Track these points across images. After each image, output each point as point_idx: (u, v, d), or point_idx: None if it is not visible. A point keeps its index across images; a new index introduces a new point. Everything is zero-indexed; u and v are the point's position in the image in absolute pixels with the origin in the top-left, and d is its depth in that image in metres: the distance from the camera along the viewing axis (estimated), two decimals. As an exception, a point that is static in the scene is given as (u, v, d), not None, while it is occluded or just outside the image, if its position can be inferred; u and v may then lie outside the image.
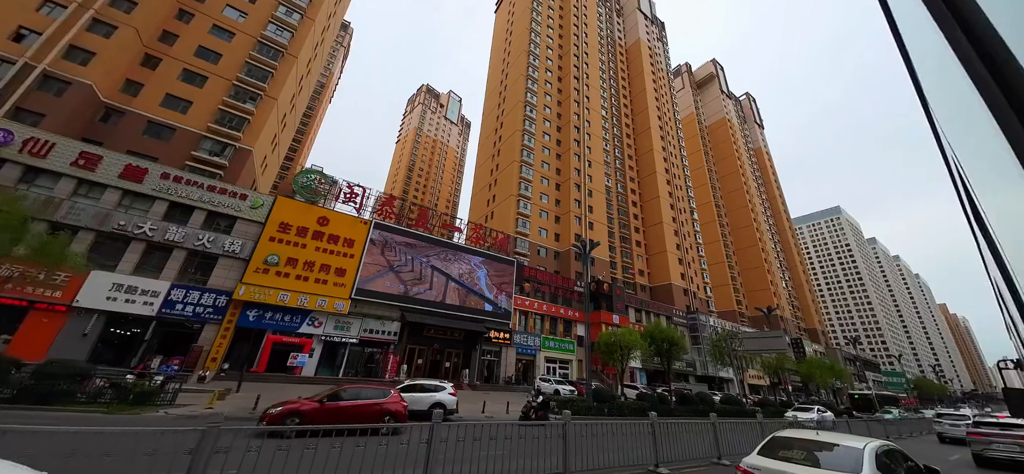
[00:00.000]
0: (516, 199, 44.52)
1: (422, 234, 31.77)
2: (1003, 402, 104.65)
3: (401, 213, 32.24)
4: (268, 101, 31.67)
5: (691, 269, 61.39)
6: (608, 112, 68.34)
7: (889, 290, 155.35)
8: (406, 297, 28.91)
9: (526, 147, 48.02)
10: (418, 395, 14.68)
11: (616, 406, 20.07)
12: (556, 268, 44.75)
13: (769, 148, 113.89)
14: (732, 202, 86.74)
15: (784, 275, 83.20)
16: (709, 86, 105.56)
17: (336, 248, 27.43)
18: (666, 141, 72.06)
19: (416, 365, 29.06)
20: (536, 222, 45.21)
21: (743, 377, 55.04)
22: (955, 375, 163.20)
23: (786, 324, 70.70)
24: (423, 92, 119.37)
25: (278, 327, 24.62)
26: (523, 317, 36.77)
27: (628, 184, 64.70)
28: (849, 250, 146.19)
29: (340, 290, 26.66)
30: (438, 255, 32.00)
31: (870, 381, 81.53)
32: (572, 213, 47.81)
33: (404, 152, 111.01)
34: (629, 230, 60.18)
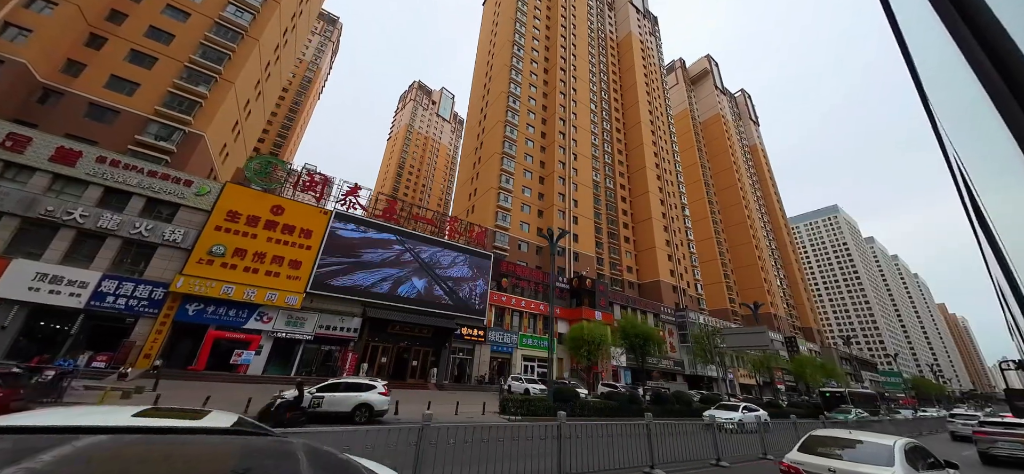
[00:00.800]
0: (496, 192, 42.80)
1: (388, 225, 30.03)
2: (1003, 402, 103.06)
3: (368, 204, 30.49)
4: (224, 85, 29.92)
5: (681, 266, 59.70)
6: (598, 106, 66.74)
7: (887, 289, 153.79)
8: (368, 292, 27.15)
9: (508, 139, 46.34)
10: (339, 395, 12.92)
11: (578, 406, 18.33)
12: (538, 263, 43.03)
13: (765, 145, 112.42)
14: (726, 199, 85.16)
15: (779, 273, 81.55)
16: (703, 82, 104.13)
17: (291, 239, 25.68)
18: (657, 136, 70.46)
19: (379, 364, 27.29)
20: (517, 216, 43.50)
21: (734, 376, 53.39)
22: (954, 375, 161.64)
23: (780, 323, 69.03)
24: (415, 89, 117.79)
25: (222, 322, 22.84)
26: (499, 313, 35.04)
27: (618, 179, 63.05)
28: (846, 249, 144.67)
29: (294, 283, 24.90)
30: (407, 248, 30.26)
31: (866, 380, 79.82)
32: (556, 207, 46.11)
33: (395, 149, 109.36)
34: (618, 226, 58.50)
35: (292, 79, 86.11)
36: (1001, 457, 12.41)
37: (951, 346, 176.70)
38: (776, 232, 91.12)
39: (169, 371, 20.85)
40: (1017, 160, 0.83)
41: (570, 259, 44.42)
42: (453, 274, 31.94)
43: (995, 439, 12.64)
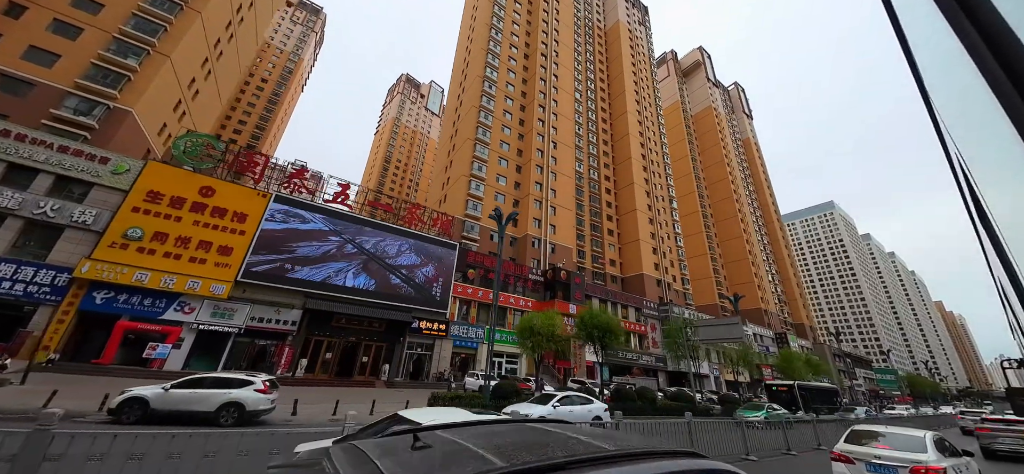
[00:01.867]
0: (468, 179, 40.62)
1: (336, 209, 27.84)
2: (1001, 400, 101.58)
3: (317, 187, 28.30)
4: (158, 58, 27.68)
5: (666, 259, 57.62)
6: (583, 95, 64.61)
7: (883, 286, 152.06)
8: (310, 281, 24.96)
9: (482, 125, 44.13)
10: (200, 392, 10.74)
11: (515, 405, 16.20)
12: (512, 255, 40.88)
13: (758, 139, 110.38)
14: (717, 193, 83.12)
15: (770, 268, 79.55)
16: (695, 74, 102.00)
17: (222, 223, 23.50)
18: (644, 127, 68.34)
19: (323, 359, 25.12)
20: (491, 205, 41.32)
21: (720, 372, 51.37)
22: (951, 372, 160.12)
23: (770, 319, 67.04)
24: (403, 82, 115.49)
25: (135, 312, 20.67)
26: (465, 306, 32.91)
27: (602, 170, 60.94)
28: (842, 246, 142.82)
29: (223, 271, 22.71)
30: (360, 235, 28.09)
31: (860, 378, 77.90)
32: (532, 197, 43.97)
33: (381, 144, 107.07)
34: (601, 218, 56.39)
35: (272, 70, 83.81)
36: (1002, 452, 13.04)
37: (948, 343, 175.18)
38: (768, 227, 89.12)
39: (70, 365, 18.71)
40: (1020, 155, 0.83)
41: (545, 250, 42.30)
42: (411, 264, 29.78)
43: (996, 435, 13.30)
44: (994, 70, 0.88)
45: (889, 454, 6.07)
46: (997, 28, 0.88)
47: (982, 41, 0.93)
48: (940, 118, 2.20)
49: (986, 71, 0.91)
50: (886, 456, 6.05)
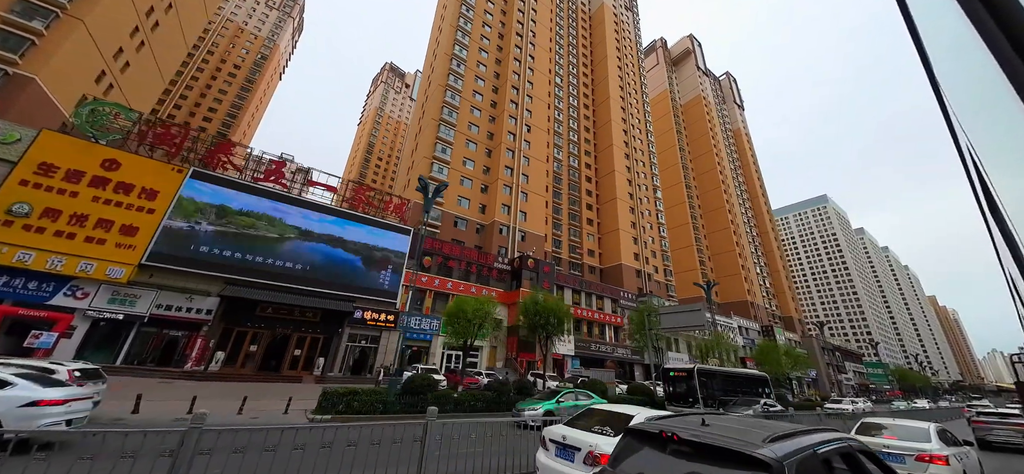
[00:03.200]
0: (430, 162, 38.21)
1: (269, 188, 25.44)
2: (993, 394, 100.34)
3: (245, 164, 25.88)
4: (71, 22, 25.09)
5: (648, 250, 55.53)
6: (565, 79, 62.22)
7: (876, 281, 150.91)
8: (231, 265, 22.62)
9: (449, 105, 41.66)
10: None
11: (435, 400, 14.07)
12: (478, 243, 38.61)
13: (749, 130, 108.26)
14: (705, 184, 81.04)
15: (758, 260, 77.65)
16: (685, 63, 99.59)
17: (128, 200, 21.09)
18: (628, 113, 66.02)
19: (246, 352, 22.81)
20: (455, 189, 38.97)
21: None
22: (943, 366, 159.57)
23: (757, 311, 65.21)
24: (386, 71, 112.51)
25: (19, 297, 18.28)
26: (419, 296, 30.63)
27: (583, 158, 58.65)
28: (835, 240, 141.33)
29: (125, 253, 20.32)
30: (296, 217, 25.72)
31: (850, 371, 76.38)
32: (501, 181, 41.63)
33: (364, 134, 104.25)
34: (580, 206, 54.18)
35: (245, 55, 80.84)
36: (996, 443, 14.03)
37: (941, 338, 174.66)
38: (758, 218, 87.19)
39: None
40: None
41: (514, 237, 40.04)
42: (356, 249, 27.46)
43: (991, 427, 14.35)
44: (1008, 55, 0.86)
45: (896, 444, 6.50)
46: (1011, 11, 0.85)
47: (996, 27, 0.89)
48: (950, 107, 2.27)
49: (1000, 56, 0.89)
50: (895, 445, 6.47)
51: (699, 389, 18.23)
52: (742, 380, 23.33)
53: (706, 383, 19.26)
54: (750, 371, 26.26)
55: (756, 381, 24.14)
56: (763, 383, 24.22)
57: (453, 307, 19.37)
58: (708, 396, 18.73)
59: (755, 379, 24.34)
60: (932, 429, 6.79)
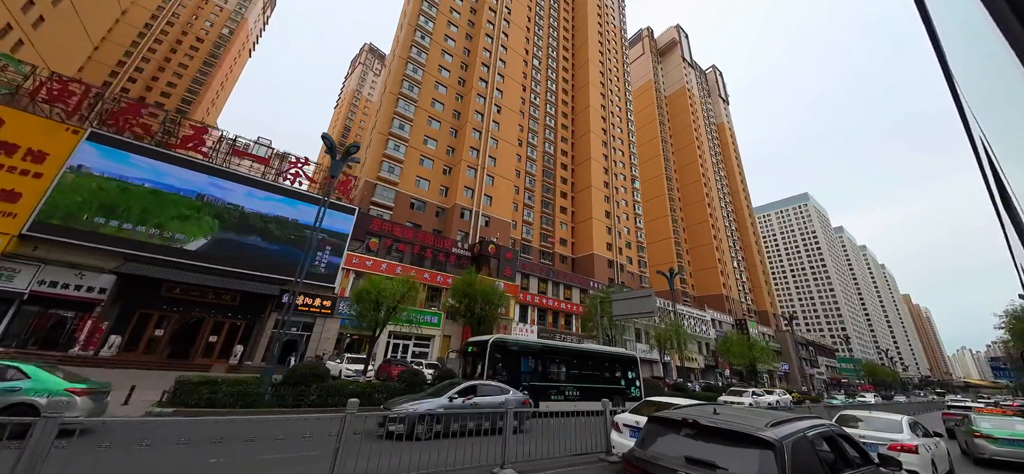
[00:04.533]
0: (385, 138, 35.80)
1: (180, 156, 22.88)
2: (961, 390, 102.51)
3: (165, 128, 23.26)
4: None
5: (622, 240, 54.21)
6: (543, 62, 60.00)
7: (853, 278, 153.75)
8: (131, 239, 20.17)
9: (410, 79, 39.13)
10: None
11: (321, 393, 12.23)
12: (437, 227, 36.51)
13: (733, 125, 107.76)
14: (685, 177, 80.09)
15: (736, 255, 77.32)
16: (671, 54, 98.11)
17: (10, 161, 18.47)
18: (609, 99, 64.23)
19: (149, 337, 20.48)
20: (413, 169, 36.67)
21: (670, 357, 48.57)
22: (914, 362, 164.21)
23: (732, 305, 64.79)
24: (365, 52, 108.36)
25: None
26: (361, 281, 28.48)
27: (559, 144, 56.77)
28: (814, 237, 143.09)
29: (4, 222, 17.76)
30: (215, 189, 23.26)
31: (822, 365, 77.09)
32: (465, 163, 39.46)
33: (339, 117, 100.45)
34: (554, 194, 52.41)
35: (209, 29, 76.29)
36: None
37: (913, 334, 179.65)
38: (738, 213, 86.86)
39: None
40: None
41: (476, 222, 38.04)
42: (286, 226, 25.14)
43: (959, 417, 15.34)
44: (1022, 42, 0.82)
45: (872, 434, 7.15)
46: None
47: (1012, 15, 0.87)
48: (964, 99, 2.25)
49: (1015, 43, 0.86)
50: (870, 435, 7.10)
51: (489, 365, 13.18)
52: (586, 360, 16.49)
53: (504, 360, 13.80)
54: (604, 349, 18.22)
55: (609, 362, 17.26)
56: (625, 365, 17.59)
57: (362, 287, 17.34)
58: (514, 377, 13.39)
59: (608, 359, 17.32)
60: (904, 421, 7.44)
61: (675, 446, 3.38)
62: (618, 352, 18.44)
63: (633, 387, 17.30)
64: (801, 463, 2.89)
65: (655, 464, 3.31)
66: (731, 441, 3.10)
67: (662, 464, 3.25)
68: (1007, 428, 9.93)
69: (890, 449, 6.70)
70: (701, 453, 3.15)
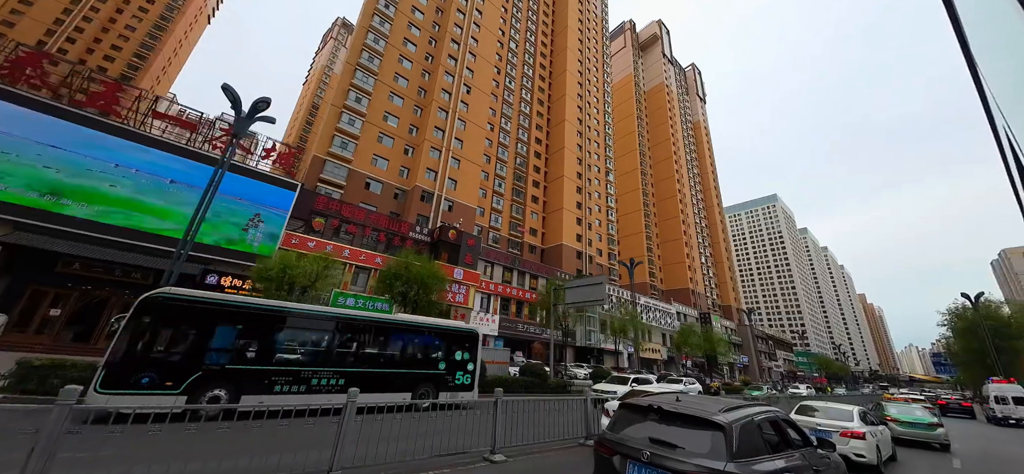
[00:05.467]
0: (339, 111, 33.48)
1: (95, 117, 20.17)
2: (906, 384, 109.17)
3: (69, 83, 20.42)
4: None
5: (592, 232, 53.87)
6: (520, 45, 58.31)
7: (814, 277, 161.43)
8: (22, 206, 17.56)
9: (371, 49, 36.70)
10: None
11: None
12: (395, 210, 34.67)
13: (709, 124, 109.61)
14: (660, 172, 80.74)
15: (704, 251, 78.92)
16: (652, 49, 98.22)
17: None
18: (585, 88, 63.38)
19: (45, 315, 18.02)
20: (370, 147, 34.55)
21: (634, 348, 48.83)
22: (865, 356, 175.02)
23: (697, 299, 66.08)
24: (338, 27, 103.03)
25: None
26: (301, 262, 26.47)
27: (533, 132, 55.52)
28: (780, 237, 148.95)
29: None
30: (123, 151, 20.69)
31: (780, 359, 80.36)
32: (429, 144, 37.61)
33: (308, 94, 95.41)
34: (525, 182, 51.27)
35: (159, -13, 69.94)
36: None
37: (866, 332, 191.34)
38: (708, 211, 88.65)
39: None
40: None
41: (438, 206, 36.43)
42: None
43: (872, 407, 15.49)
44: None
45: (826, 421, 8.18)
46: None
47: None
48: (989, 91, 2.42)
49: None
50: (825, 423, 8.14)
51: (130, 336, 8.16)
52: (366, 334, 11.25)
53: (173, 328, 8.98)
54: (404, 318, 12.65)
55: (415, 338, 12.00)
56: (450, 342, 12.41)
57: (274, 264, 15.63)
58: (194, 354, 8.76)
59: (411, 334, 12.01)
60: (855, 411, 8.41)
61: (642, 429, 3.78)
62: (432, 324, 12.84)
63: (461, 374, 12.34)
64: (746, 442, 3.39)
65: (623, 445, 3.71)
66: (689, 424, 3.55)
67: (629, 445, 3.65)
68: (908, 413, 12.05)
69: (842, 435, 7.72)
70: (663, 435, 3.58)
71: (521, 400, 7.90)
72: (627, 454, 3.55)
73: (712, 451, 3.24)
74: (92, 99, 20.79)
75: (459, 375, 12.53)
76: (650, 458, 3.37)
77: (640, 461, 3.42)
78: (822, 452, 4.44)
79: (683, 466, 3.22)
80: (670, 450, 3.39)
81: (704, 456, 3.23)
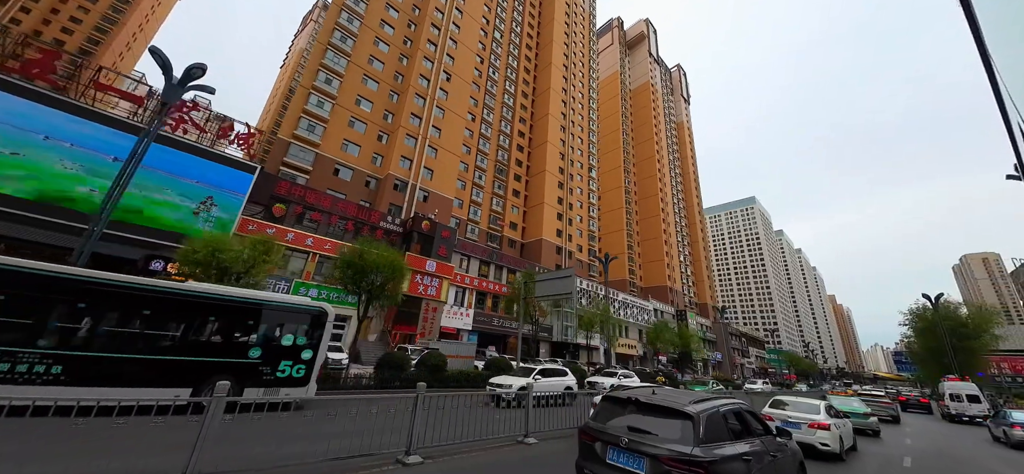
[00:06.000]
0: (307, 92, 31.88)
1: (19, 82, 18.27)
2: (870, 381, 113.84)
3: None
4: None
5: (573, 227, 53.63)
6: (505, 36, 57.20)
7: (788, 278, 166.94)
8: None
9: (343, 29, 35.06)
10: None
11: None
12: (367, 198, 33.37)
13: (692, 125, 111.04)
14: (643, 171, 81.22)
15: (683, 249, 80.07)
16: (639, 47, 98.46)
17: None
18: (570, 83, 62.86)
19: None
20: (340, 131, 33.05)
21: (609, 344, 49.01)
22: (833, 354, 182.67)
23: (674, 296, 66.98)
24: (318, 8, 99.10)
25: None
26: (261, 251, 25.05)
27: (516, 125, 54.68)
28: (757, 239, 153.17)
29: None
30: (72, 129, 18.90)
31: (752, 356, 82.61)
32: (404, 131, 36.37)
33: (285, 77, 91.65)
34: (507, 176, 50.50)
35: (121, -43, 65.46)
36: None
37: (834, 331, 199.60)
38: (688, 211, 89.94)
39: None
40: None
41: (413, 196, 35.34)
42: (159, 175, 21.23)
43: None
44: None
45: (796, 414, 9.15)
46: None
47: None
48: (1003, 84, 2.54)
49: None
50: (795, 415, 9.14)
51: None
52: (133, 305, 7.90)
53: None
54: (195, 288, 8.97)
55: (213, 313, 8.67)
56: (255, 321, 9.11)
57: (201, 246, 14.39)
58: None
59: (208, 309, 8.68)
60: (822, 406, 9.30)
61: (622, 419, 4.12)
62: (236, 296, 9.31)
63: (288, 364, 9.24)
64: (711, 429, 3.81)
65: (604, 433, 4.06)
66: (663, 414, 3.96)
67: (610, 432, 4.02)
68: (846, 404, 13.28)
69: (809, 427, 8.63)
70: (640, 424, 3.97)
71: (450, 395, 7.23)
72: (607, 441, 3.91)
73: (682, 437, 3.61)
74: (26, 66, 18.87)
75: (286, 366, 9.15)
76: (628, 444, 3.74)
77: (619, 447, 3.80)
78: (781, 440, 4.88)
79: (656, 450, 3.57)
80: (645, 436, 3.76)
81: (675, 442, 3.60)
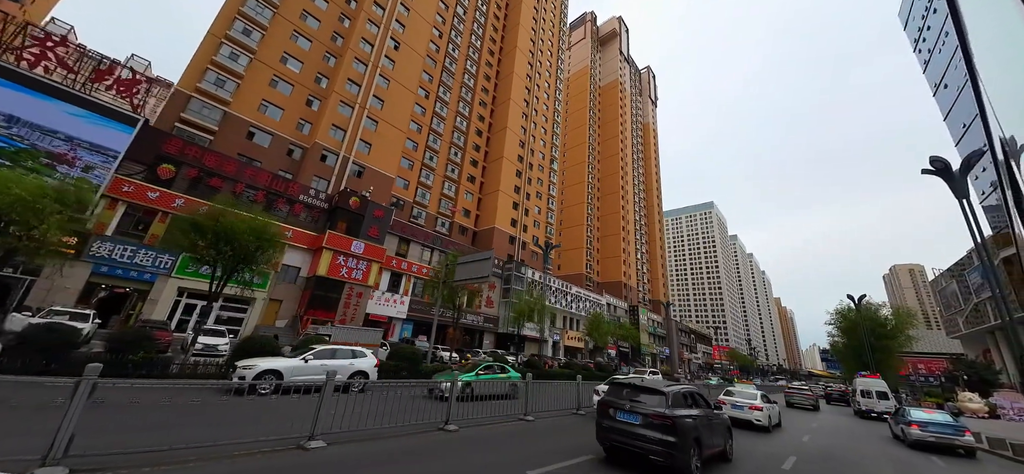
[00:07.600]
0: (218, 42, 27.72)
1: None
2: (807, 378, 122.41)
3: None
4: None
5: (529, 218, 52.22)
6: (469, 13, 54.19)
7: (738, 280, 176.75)
8: None
9: (270, -22, 30.86)
10: None
11: None
12: (285, 168, 29.78)
13: (658, 127, 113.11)
14: (606, 168, 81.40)
15: (641, 247, 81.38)
16: (610, 45, 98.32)
17: None
18: (536, 70, 61.02)
19: None
20: (259, 90, 29.16)
21: (560, 337, 48.46)
22: (775, 353, 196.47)
23: (628, 293, 67.76)
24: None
25: None
26: (142, 218, 21.32)
27: (476, 108, 52.15)
28: (713, 242, 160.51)
29: None
30: None
31: (700, 351, 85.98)
32: (339, 97, 32.91)
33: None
34: (462, 160, 48.01)
35: None
36: (795, 403, 25.46)
37: (778, 331, 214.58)
38: (648, 211, 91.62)
39: None
40: None
41: (345, 169, 32.18)
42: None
43: (792, 393, 26.74)
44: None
45: (741, 400, 13.25)
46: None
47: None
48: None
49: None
50: (740, 400, 13.24)
51: None
52: None
53: None
54: None
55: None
56: None
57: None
58: None
59: None
60: (759, 394, 13.70)
61: (622, 395, 6.99)
62: None
63: None
64: (676, 400, 6.64)
65: (614, 402, 6.88)
66: (648, 392, 6.81)
67: (617, 400, 6.86)
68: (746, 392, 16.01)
69: (750, 408, 12.85)
70: (635, 396, 6.84)
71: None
72: (616, 407, 6.77)
73: (659, 404, 6.46)
74: None
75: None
76: (629, 408, 6.59)
77: (623, 410, 6.64)
78: (716, 411, 8.27)
79: (645, 410, 6.40)
80: (639, 403, 6.62)
81: (656, 406, 6.42)
